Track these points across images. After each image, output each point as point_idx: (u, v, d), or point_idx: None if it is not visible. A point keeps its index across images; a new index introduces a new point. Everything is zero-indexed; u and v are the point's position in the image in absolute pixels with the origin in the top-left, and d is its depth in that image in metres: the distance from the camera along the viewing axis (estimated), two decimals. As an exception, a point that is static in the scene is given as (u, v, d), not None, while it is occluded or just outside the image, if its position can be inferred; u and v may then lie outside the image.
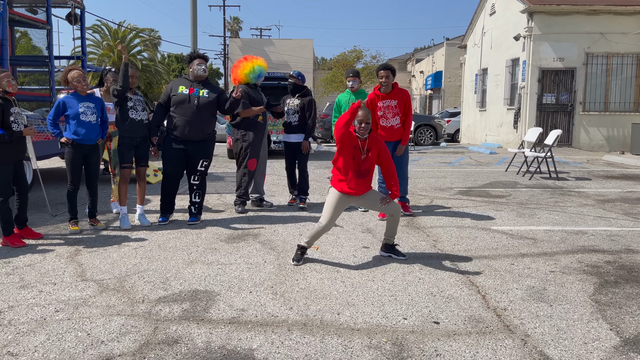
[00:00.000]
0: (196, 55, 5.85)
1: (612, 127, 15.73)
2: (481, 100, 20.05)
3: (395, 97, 6.01)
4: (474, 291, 3.73)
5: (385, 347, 2.86)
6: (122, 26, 35.46)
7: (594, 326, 3.14)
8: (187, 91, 5.68)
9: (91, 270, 4.20)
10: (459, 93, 26.53)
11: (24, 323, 3.18)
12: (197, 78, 5.78)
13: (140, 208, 5.86)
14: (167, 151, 5.76)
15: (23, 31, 9.89)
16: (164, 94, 5.81)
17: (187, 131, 5.64)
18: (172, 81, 5.88)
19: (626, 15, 15.32)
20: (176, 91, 5.69)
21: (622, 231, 5.52)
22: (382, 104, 6.02)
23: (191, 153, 5.74)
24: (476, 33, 20.58)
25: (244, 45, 39.09)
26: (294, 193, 7.01)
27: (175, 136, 5.67)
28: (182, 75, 5.93)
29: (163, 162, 5.82)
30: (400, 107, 6.02)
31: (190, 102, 5.65)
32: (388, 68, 5.98)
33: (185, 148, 5.71)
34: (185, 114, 5.63)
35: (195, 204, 5.90)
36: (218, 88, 5.93)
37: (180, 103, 5.65)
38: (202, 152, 5.79)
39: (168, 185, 5.83)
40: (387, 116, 6.02)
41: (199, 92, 5.69)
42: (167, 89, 5.79)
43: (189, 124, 5.63)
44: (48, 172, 10.49)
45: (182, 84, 5.75)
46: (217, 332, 3.06)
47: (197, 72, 5.75)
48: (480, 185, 8.82)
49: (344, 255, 4.60)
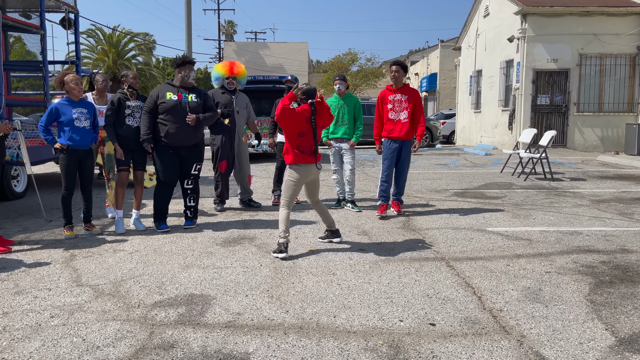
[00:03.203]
0: (188, 61, 5.74)
1: (606, 127, 15.81)
2: (476, 101, 20.12)
3: (406, 93, 6.34)
4: (470, 292, 3.73)
5: (382, 350, 2.86)
6: (117, 30, 35.37)
7: (590, 326, 3.15)
8: (175, 97, 5.60)
9: (86, 275, 4.18)
10: (454, 95, 26.62)
11: (19, 329, 3.16)
12: (184, 84, 5.71)
13: (136, 213, 5.84)
14: (162, 158, 5.67)
15: (17, 36, 9.85)
16: (149, 102, 5.61)
17: (181, 137, 5.60)
18: (156, 88, 5.74)
19: (619, 17, 15.42)
20: (164, 98, 5.58)
21: (617, 231, 5.54)
22: (393, 98, 6.35)
23: (184, 158, 5.72)
24: (470, 35, 20.66)
25: (239, 48, 39.13)
26: (276, 194, 7.27)
27: (168, 143, 5.60)
28: (166, 81, 5.83)
29: (158, 170, 5.71)
30: (410, 103, 6.31)
31: (181, 108, 5.59)
32: (399, 64, 6.31)
33: (179, 154, 5.68)
34: (177, 121, 5.56)
35: (191, 208, 5.88)
36: (203, 92, 5.88)
37: (170, 110, 5.56)
38: (194, 156, 5.78)
39: (164, 193, 5.76)
40: (396, 109, 6.33)
41: (187, 98, 5.64)
42: (152, 96, 5.61)
43: (182, 130, 5.59)
44: (43, 177, 10.45)
45: (168, 90, 5.64)
46: (213, 336, 3.05)
47: (187, 79, 5.68)
48: (476, 186, 8.84)
49: (340, 258, 4.60)
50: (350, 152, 6.72)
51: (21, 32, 9.35)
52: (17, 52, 11.31)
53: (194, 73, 5.77)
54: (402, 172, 6.48)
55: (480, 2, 19.46)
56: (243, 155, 6.91)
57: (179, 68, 5.68)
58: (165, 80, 5.91)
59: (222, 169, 6.70)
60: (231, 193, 7.89)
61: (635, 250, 4.81)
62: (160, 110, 5.59)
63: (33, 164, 7.00)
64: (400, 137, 6.31)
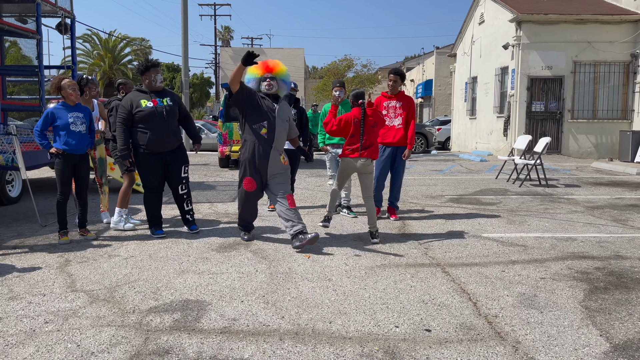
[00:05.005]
0: (151, 65, 5.54)
1: (600, 134, 15.90)
2: (471, 108, 20.21)
3: (401, 100, 6.49)
4: (465, 298, 3.74)
5: (377, 355, 2.86)
6: (113, 35, 35.40)
7: (584, 332, 3.16)
8: (151, 104, 5.47)
9: (81, 280, 4.16)
10: (449, 101, 26.72)
11: (13, 335, 3.14)
12: (154, 89, 5.58)
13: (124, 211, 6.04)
14: (146, 166, 5.55)
15: (13, 41, 9.84)
16: (123, 112, 5.42)
17: (163, 143, 5.52)
18: (127, 98, 5.51)
19: (613, 24, 15.55)
20: (140, 106, 5.42)
21: (611, 237, 5.57)
22: (387, 104, 6.50)
23: (170, 162, 5.64)
24: (466, 42, 20.77)
25: (235, 54, 39.16)
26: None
27: (152, 150, 5.50)
28: (135, 88, 5.66)
29: (144, 179, 5.62)
30: (404, 110, 6.44)
31: (159, 113, 5.48)
32: (398, 73, 6.53)
33: (165, 159, 5.61)
34: (156, 128, 5.45)
35: (190, 211, 5.86)
36: (175, 95, 5.79)
37: (148, 117, 5.43)
38: (180, 158, 5.71)
39: (154, 199, 5.68)
40: (390, 115, 6.46)
41: (162, 102, 5.54)
42: (126, 106, 5.43)
43: (163, 135, 5.50)
44: (37, 182, 10.41)
45: (141, 97, 5.49)
46: (209, 342, 3.04)
47: (155, 83, 5.54)
48: (471, 192, 8.87)
49: (336, 264, 4.60)
50: (346, 158, 6.74)
51: (17, 36, 9.35)
52: (13, 57, 11.28)
53: (160, 75, 5.62)
54: (396, 177, 6.54)
55: (475, 10, 19.59)
56: (278, 178, 5.27)
57: (145, 74, 5.52)
58: (134, 88, 5.78)
59: (245, 186, 5.27)
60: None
61: (630, 256, 4.83)
62: (138, 119, 5.43)
63: (28, 168, 6.99)
64: (394, 142, 6.40)
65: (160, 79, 5.61)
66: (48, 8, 8.46)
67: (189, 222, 5.85)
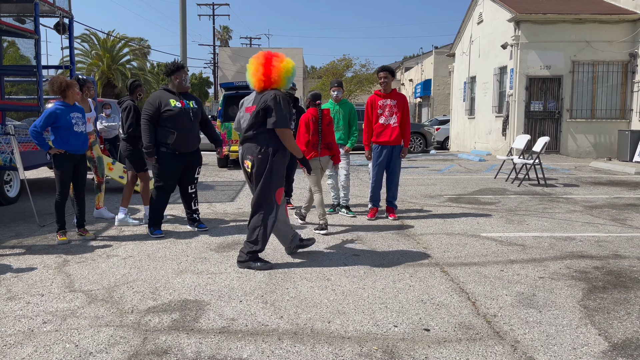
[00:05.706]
0: (181, 66, 5.68)
1: (599, 134, 15.92)
2: (470, 107, 20.21)
3: (395, 98, 6.44)
4: (464, 298, 3.74)
5: (376, 355, 2.86)
6: (111, 35, 35.34)
7: (583, 331, 3.16)
8: (179, 104, 5.56)
9: (79, 280, 4.16)
10: (448, 101, 26.74)
11: (11, 335, 3.14)
12: (182, 90, 5.67)
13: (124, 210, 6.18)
14: (167, 166, 5.58)
15: (11, 40, 9.83)
16: (151, 109, 5.46)
17: (187, 144, 5.61)
18: (154, 95, 5.59)
19: (611, 24, 15.56)
20: (169, 105, 5.49)
21: (610, 237, 5.57)
22: (382, 103, 6.43)
23: (190, 163, 5.74)
24: (464, 41, 20.78)
25: (234, 54, 39.20)
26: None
27: (175, 149, 5.55)
28: (162, 88, 5.71)
29: (162, 178, 5.59)
30: (399, 108, 6.41)
31: (186, 114, 5.57)
32: (387, 69, 6.42)
33: (185, 159, 5.68)
34: (184, 128, 5.54)
35: (197, 211, 6.00)
36: (199, 100, 5.91)
37: (176, 117, 5.49)
38: (197, 160, 5.84)
39: (165, 199, 5.73)
40: (386, 114, 6.41)
41: (189, 104, 5.66)
42: (154, 103, 5.48)
43: (189, 136, 5.60)
44: (36, 182, 10.40)
45: (170, 97, 5.56)
46: (207, 342, 3.04)
47: (184, 83, 5.66)
48: (470, 192, 8.87)
49: (334, 264, 4.60)
50: (345, 157, 6.75)
51: (15, 36, 9.34)
52: (11, 57, 11.29)
53: (188, 77, 5.81)
54: (393, 176, 6.54)
55: (474, 9, 19.59)
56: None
57: (175, 74, 5.62)
58: (161, 86, 5.84)
59: (279, 199, 4.54)
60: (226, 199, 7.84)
61: (628, 255, 4.83)
62: (165, 118, 5.48)
63: (26, 168, 6.97)
64: (390, 141, 6.39)
65: (189, 79, 5.79)
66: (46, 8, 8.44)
67: (196, 221, 5.96)
